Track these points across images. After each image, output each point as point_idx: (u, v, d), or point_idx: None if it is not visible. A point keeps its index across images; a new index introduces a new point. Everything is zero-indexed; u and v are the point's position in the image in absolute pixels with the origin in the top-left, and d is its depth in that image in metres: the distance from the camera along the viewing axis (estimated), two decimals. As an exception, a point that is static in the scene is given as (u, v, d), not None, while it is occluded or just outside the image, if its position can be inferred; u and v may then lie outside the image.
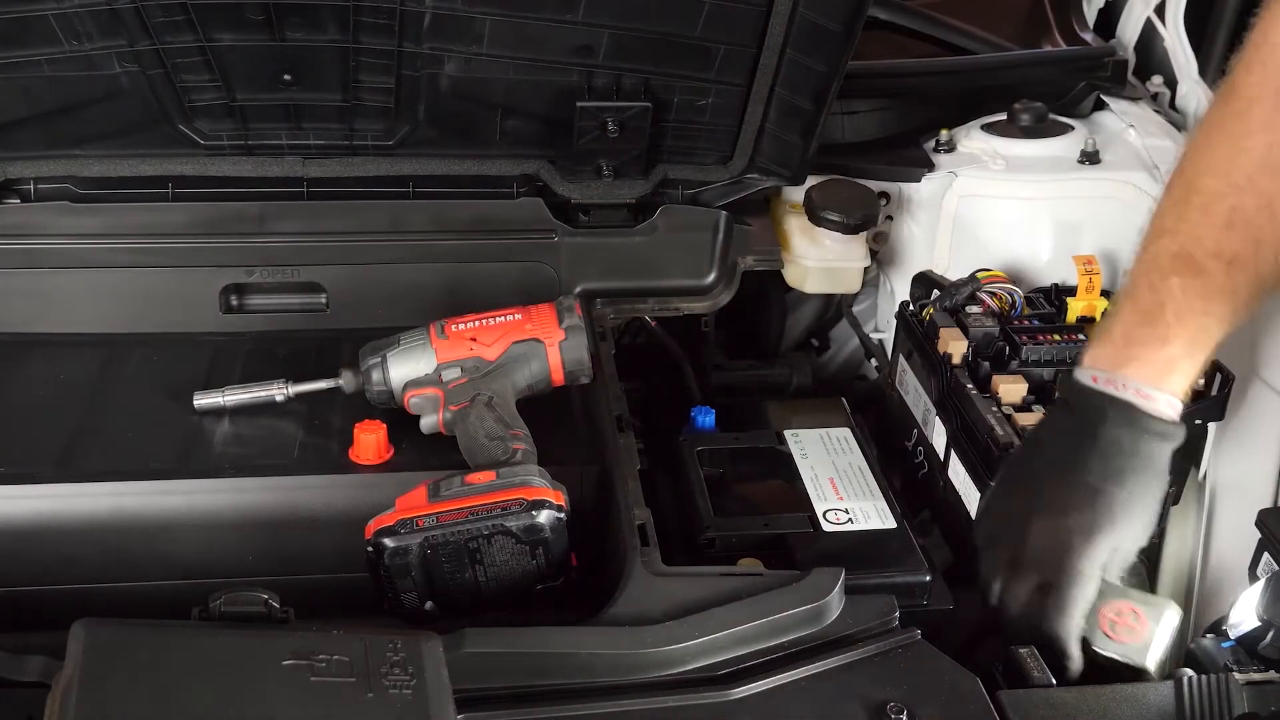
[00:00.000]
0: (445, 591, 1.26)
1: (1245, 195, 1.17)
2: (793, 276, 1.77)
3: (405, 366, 1.47)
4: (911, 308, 1.66)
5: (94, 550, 1.36)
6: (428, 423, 1.44)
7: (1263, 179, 1.17)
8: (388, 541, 1.23)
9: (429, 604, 1.27)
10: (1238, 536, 1.39)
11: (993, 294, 1.61)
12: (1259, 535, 1.28)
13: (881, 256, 1.83)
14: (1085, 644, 1.19)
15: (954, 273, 1.69)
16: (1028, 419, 1.43)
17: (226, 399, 1.50)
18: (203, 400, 1.50)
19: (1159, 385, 1.18)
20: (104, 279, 1.67)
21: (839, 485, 1.48)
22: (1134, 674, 1.19)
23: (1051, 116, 1.85)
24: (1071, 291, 1.61)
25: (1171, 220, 1.21)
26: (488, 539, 1.24)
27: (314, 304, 1.72)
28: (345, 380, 1.49)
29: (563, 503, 1.27)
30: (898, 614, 1.22)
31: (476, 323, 1.49)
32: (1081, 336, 1.54)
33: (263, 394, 1.50)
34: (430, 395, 1.44)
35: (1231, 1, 2.17)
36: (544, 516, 1.25)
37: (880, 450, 1.59)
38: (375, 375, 1.47)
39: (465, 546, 1.24)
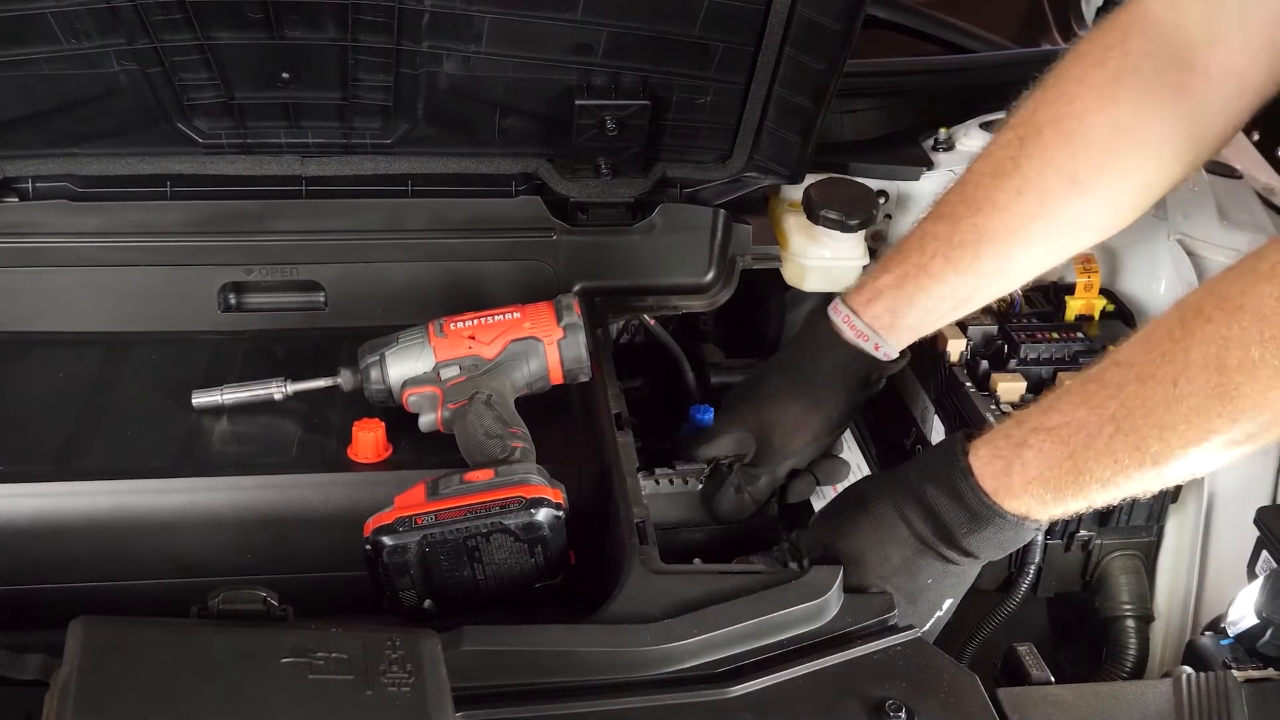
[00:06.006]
0: (443, 589, 1.26)
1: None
2: (791, 275, 1.77)
3: (403, 365, 1.47)
4: (910, 306, 1.66)
5: (92, 548, 1.36)
6: (426, 421, 1.44)
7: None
8: (386, 539, 1.23)
9: (427, 602, 1.27)
10: (1236, 534, 1.39)
11: (991, 292, 1.60)
12: (1257, 533, 1.28)
13: (880, 255, 1.82)
14: None
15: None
16: (1026, 417, 1.42)
17: (225, 397, 1.50)
18: (201, 399, 1.50)
19: (848, 299, 1.38)
20: (102, 277, 1.67)
21: (838, 484, 1.48)
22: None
23: (1050, 115, 1.85)
24: (1070, 290, 1.61)
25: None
26: (486, 537, 1.24)
27: (313, 302, 1.72)
28: (343, 378, 1.49)
29: (561, 501, 1.27)
30: (896, 611, 1.22)
31: (475, 321, 1.49)
32: (1080, 335, 1.55)
33: (261, 392, 1.50)
34: (429, 393, 1.44)
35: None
36: (542, 514, 1.25)
37: (879, 448, 1.59)
38: (373, 374, 1.47)
39: (464, 544, 1.24)
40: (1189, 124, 1.26)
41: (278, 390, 1.50)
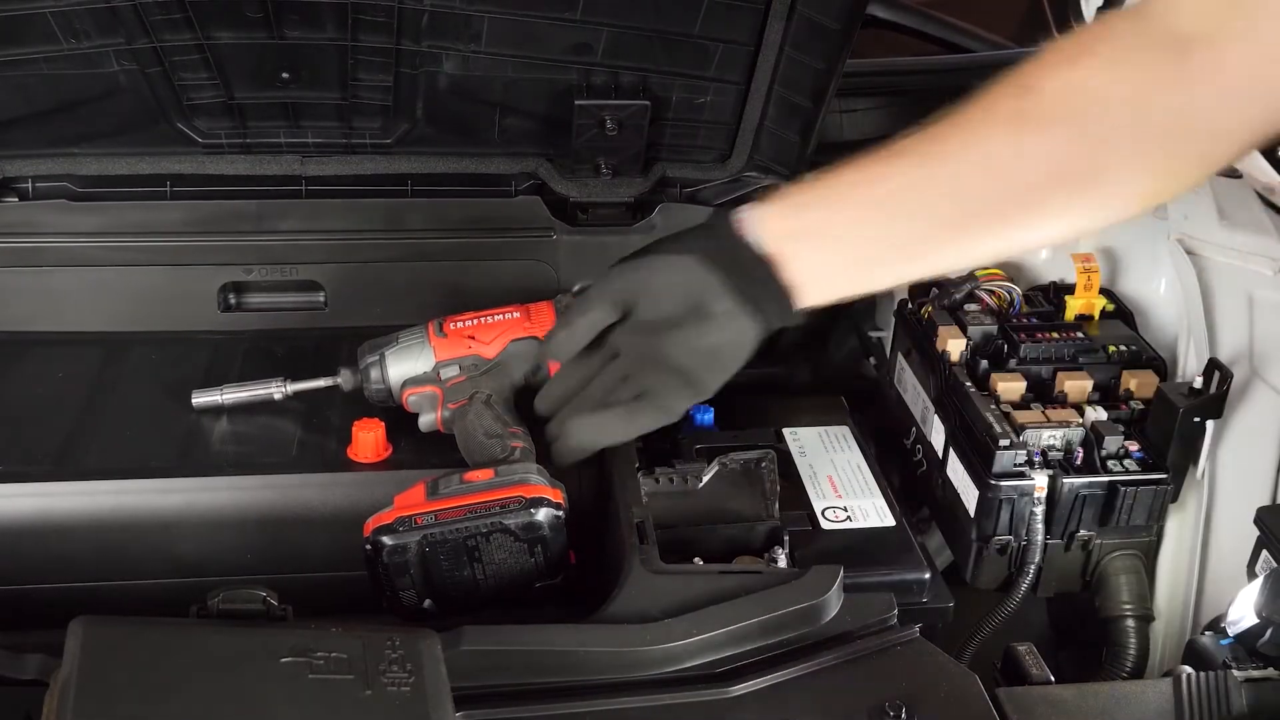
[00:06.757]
0: (443, 589, 1.26)
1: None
2: (791, 275, 1.76)
3: (403, 365, 1.47)
4: (910, 306, 1.66)
5: (92, 548, 1.36)
6: (426, 421, 1.44)
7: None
8: (386, 539, 1.23)
9: (427, 602, 1.27)
10: (1236, 534, 1.39)
11: (991, 292, 1.61)
12: (1257, 533, 1.28)
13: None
14: None
15: (952, 271, 1.69)
16: (1026, 417, 1.43)
17: (224, 397, 1.50)
18: (201, 399, 1.50)
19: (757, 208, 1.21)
20: (102, 277, 1.67)
21: (837, 483, 1.48)
22: None
23: (1050, 114, 1.85)
24: (1070, 289, 1.61)
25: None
26: (486, 537, 1.24)
27: (312, 302, 1.72)
28: (343, 378, 1.49)
29: (561, 500, 1.27)
30: (896, 612, 1.22)
31: (475, 321, 1.49)
32: (1080, 334, 1.54)
33: (261, 392, 1.50)
34: (428, 393, 1.44)
35: None
36: (542, 514, 1.24)
37: (879, 448, 1.59)
38: (373, 373, 1.47)
39: (464, 544, 1.24)
40: (1177, 117, 1.12)
41: (277, 390, 1.50)
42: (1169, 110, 1.12)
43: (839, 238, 1.20)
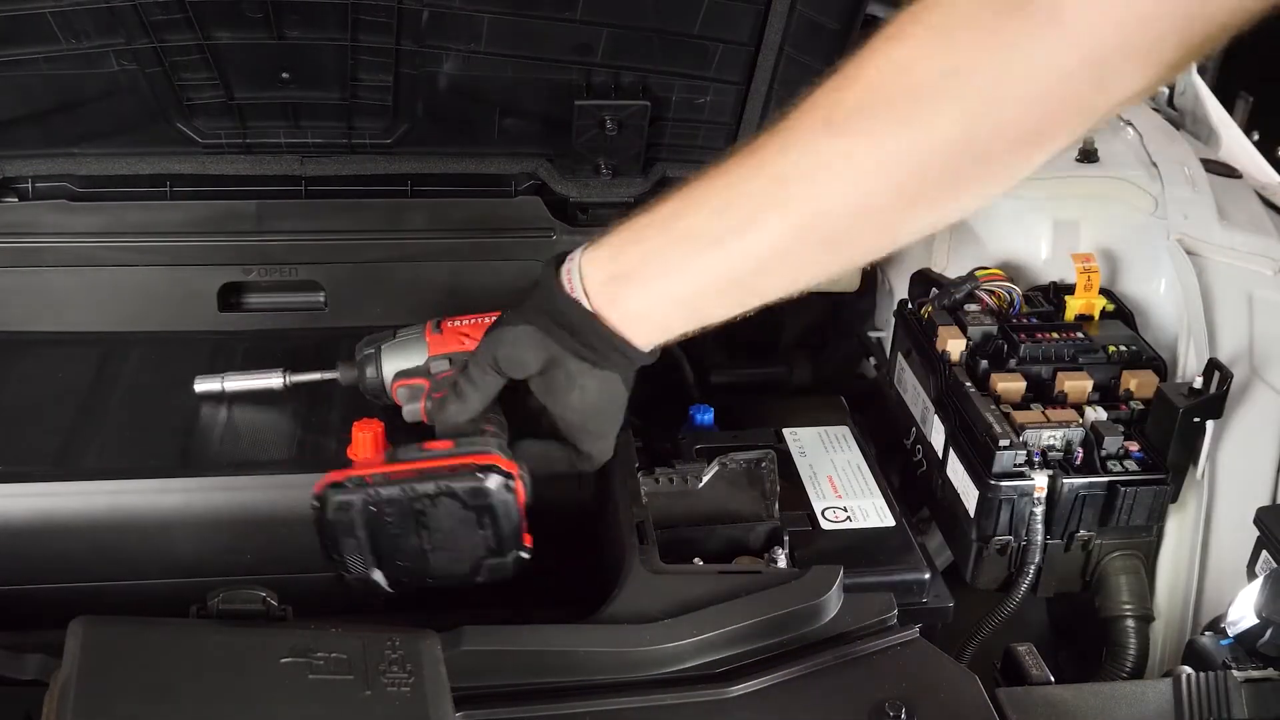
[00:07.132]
0: (391, 557, 1.22)
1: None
2: (791, 275, 1.76)
3: (398, 359, 1.46)
4: (910, 306, 1.66)
5: (92, 548, 1.36)
6: (410, 410, 1.43)
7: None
8: (333, 495, 1.19)
9: (376, 572, 1.22)
10: (1236, 534, 1.39)
11: (991, 292, 1.61)
12: (1257, 533, 1.28)
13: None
14: None
15: (952, 271, 1.69)
16: (1026, 417, 1.43)
17: (226, 385, 1.50)
18: (203, 385, 1.50)
19: (583, 255, 1.21)
20: (101, 277, 1.67)
21: (837, 483, 1.48)
22: None
23: (1050, 115, 1.85)
24: (1070, 289, 1.61)
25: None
26: (432, 499, 1.19)
27: (312, 303, 1.72)
28: (341, 372, 1.49)
29: (515, 472, 1.21)
30: (896, 612, 1.22)
31: (473, 321, 1.49)
32: (1080, 334, 1.54)
33: (262, 381, 1.50)
34: (417, 385, 1.44)
35: None
36: (491, 481, 1.19)
37: (879, 448, 1.59)
38: (369, 367, 1.47)
39: (410, 507, 1.19)
40: (1017, 83, 1.00)
41: (278, 379, 1.50)
42: (1006, 76, 1.00)
43: (655, 279, 1.18)
